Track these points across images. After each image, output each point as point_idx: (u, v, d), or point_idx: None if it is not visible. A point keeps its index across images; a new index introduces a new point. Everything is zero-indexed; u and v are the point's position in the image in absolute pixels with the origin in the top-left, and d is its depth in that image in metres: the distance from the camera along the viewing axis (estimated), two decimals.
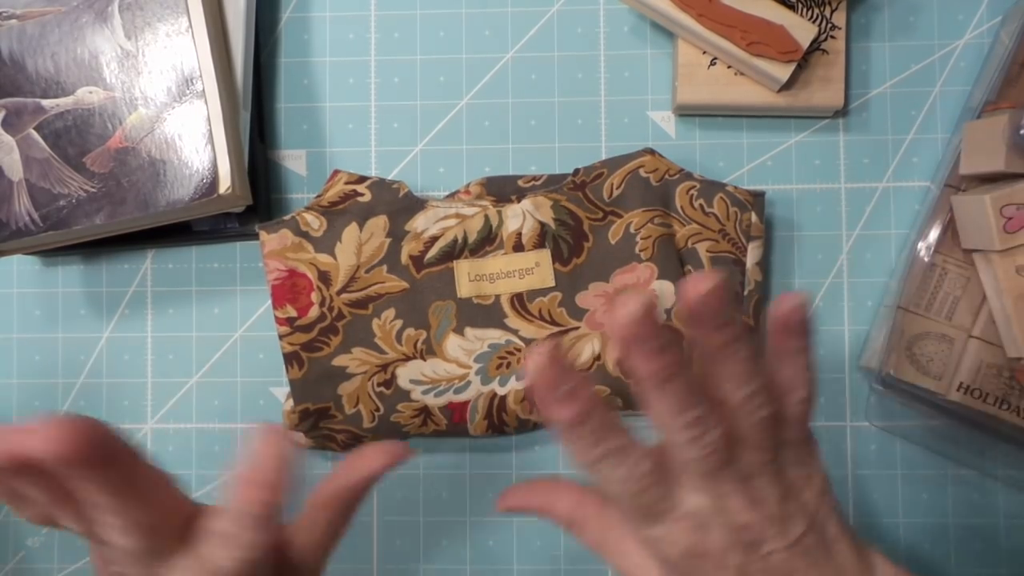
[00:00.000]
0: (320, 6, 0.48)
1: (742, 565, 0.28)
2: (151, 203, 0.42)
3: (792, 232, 0.46)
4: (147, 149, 0.42)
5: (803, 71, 0.44)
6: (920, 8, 0.46)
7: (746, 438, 0.28)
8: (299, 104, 0.47)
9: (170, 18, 0.42)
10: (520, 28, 0.47)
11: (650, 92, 0.47)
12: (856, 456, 0.45)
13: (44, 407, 0.48)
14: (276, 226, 0.43)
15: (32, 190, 0.43)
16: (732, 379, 0.28)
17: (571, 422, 0.27)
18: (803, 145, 0.46)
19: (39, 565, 0.47)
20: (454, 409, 0.43)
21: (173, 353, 0.48)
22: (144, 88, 0.42)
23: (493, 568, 0.46)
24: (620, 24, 0.47)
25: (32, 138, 0.43)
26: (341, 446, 0.45)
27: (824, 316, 0.46)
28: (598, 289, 0.43)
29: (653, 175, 0.43)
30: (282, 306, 0.43)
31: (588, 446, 0.27)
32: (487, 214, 0.43)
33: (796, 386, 0.29)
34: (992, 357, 0.40)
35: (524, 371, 0.28)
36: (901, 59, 0.46)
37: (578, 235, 0.43)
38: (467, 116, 0.47)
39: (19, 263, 0.48)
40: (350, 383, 0.43)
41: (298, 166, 0.47)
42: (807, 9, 0.43)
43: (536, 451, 0.46)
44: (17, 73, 0.43)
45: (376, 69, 0.47)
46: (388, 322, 0.43)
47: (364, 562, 0.46)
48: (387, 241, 0.43)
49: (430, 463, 0.46)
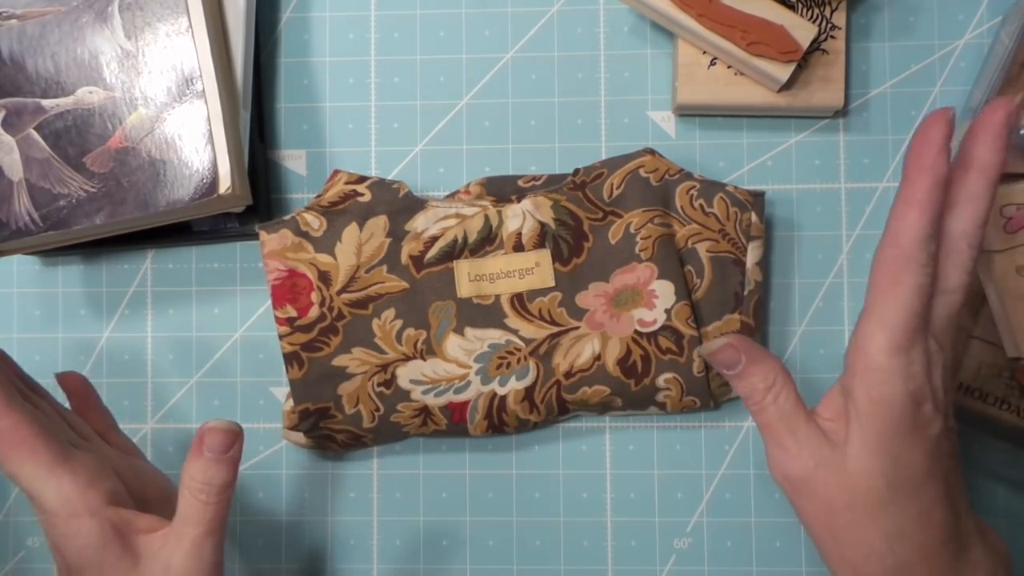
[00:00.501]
0: (320, 6, 0.48)
1: (940, 432, 0.30)
2: (151, 203, 0.42)
3: (792, 232, 0.46)
4: (147, 149, 0.42)
5: (803, 71, 0.44)
6: (920, 8, 0.46)
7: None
8: (299, 104, 0.47)
9: (170, 18, 0.42)
10: (520, 28, 0.47)
11: (650, 92, 0.47)
12: None
13: None
14: (276, 226, 0.43)
15: (32, 190, 0.43)
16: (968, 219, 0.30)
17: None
18: (803, 145, 0.46)
19: (39, 565, 0.47)
20: (454, 409, 0.43)
21: (173, 353, 0.48)
22: (144, 88, 0.42)
23: (493, 568, 0.46)
24: (620, 24, 0.47)
25: (32, 138, 0.43)
26: (341, 446, 0.45)
27: (824, 316, 0.46)
28: (598, 289, 0.43)
29: (653, 175, 0.43)
30: (282, 306, 0.43)
31: None
32: (487, 214, 0.43)
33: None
34: (992, 357, 0.40)
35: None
36: (901, 59, 0.46)
37: (578, 235, 0.43)
38: (467, 116, 0.47)
39: (19, 263, 0.48)
40: (350, 383, 0.43)
41: (298, 166, 0.47)
42: (807, 9, 0.43)
43: (536, 451, 0.46)
44: (17, 73, 0.43)
45: (376, 69, 0.47)
46: (388, 322, 0.43)
47: (364, 562, 0.46)
48: (387, 241, 0.43)
49: (430, 463, 0.46)
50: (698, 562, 0.45)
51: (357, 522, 0.47)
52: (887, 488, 0.30)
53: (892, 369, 0.29)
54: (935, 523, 0.30)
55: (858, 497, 0.30)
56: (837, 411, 0.32)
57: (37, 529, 0.47)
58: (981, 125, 0.29)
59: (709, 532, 0.45)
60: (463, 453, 0.46)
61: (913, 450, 0.29)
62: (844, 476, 0.30)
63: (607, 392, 0.43)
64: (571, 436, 0.46)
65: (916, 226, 0.29)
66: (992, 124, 0.29)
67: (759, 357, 0.33)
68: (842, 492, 0.30)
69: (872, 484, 0.30)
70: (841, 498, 0.30)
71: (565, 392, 0.43)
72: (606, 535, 0.46)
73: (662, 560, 0.45)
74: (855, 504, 0.30)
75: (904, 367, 0.29)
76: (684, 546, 0.45)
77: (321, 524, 0.47)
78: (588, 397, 0.43)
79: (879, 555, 0.30)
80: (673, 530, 0.46)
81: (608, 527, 0.46)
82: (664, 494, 0.46)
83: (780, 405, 0.32)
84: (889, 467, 0.30)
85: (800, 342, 0.46)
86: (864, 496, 0.30)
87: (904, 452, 0.29)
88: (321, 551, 0.47)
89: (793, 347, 0.46)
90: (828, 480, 0.31)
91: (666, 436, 0.46)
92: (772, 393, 0.32)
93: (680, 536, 0.46)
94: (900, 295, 0.29)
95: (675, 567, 0.45)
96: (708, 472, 0.46)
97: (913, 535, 0.30)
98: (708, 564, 0.45)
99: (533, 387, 0.43)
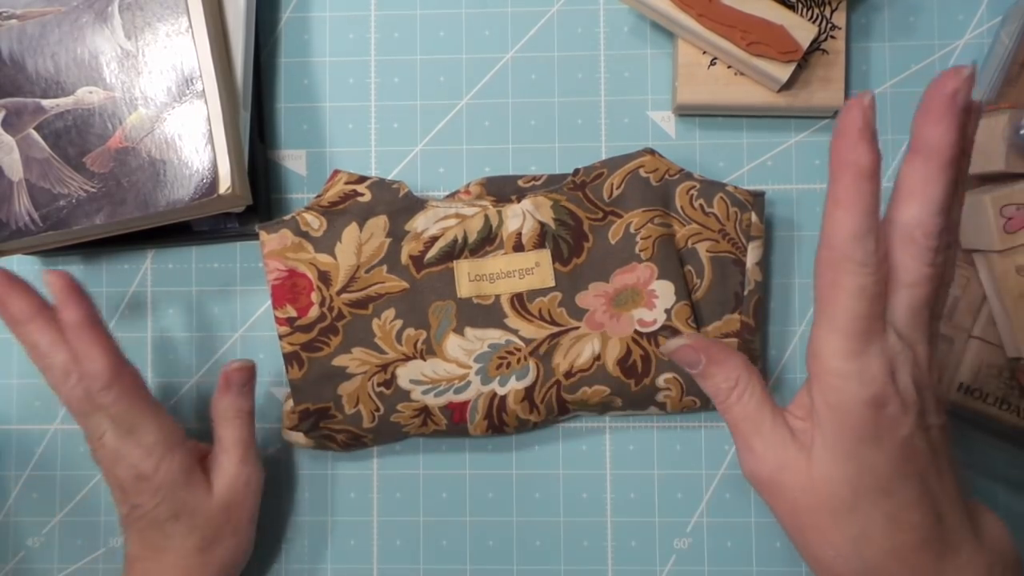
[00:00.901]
0: (320, 6, 0.48)
1: (911, 432, 0.28)
2: (151, 203, 0.42)
3: (792, 232, 0.46)
4: (147, 149, 0.42)
5: (803, 71, 0.44)
6: (920, 8, 0.46)
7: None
8: (299, 104, 0.47)
9: (170, 18, 0.42)
10: (520, 28, 0.47)
11: (650, 92, 0.47)
12: None
13: (44, 407, 0.48)
14: (276, 226, 0.43)
15: (32, 190, 0.43)
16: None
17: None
18: (803, 145, 0.46)
19: (39, 565, 0.47)
20: (454, 409, 0.43)
21: (173, 353, 0.48)
22: (144, 88, 0.42)
23: (493, 568, 0.46)
24: (620, 24, 0.47)
25: (32, 138, 0.43)
26: (341, 446, 0.45)
27: None
28: (598, 289, 0.43)
29: (653, 175, 0.43)
30: (282, 306, 0.43)
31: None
32: (487, 214, 0.43)
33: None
34: (992, 357, 0.40)
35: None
36: (901, 59, 0.46)
37: (578, 235, 0.43)
38: (467, 116, 0.47)
39: (19, 263, 0.48)
40: (350, 383, 0.43)
41: (298, 166, 0.47)
42: (807, 9, 0.43)
43: (536, 451, 0.46)
44: (17, 73, 0.43)
45: (376, 69, 0.47)
46: (388, 322, 0.43)
47: (364, 562, 0.46)
48: (387, 241, 0.43)
49: (430, 463, 0.46)
50: (698, 562, 0.45)
51: (357, 522, 0.47)
52: (851, 493, 0.29)
53: (847, 374, 0.28)
54: (908, 526, 0.29)
55: (821, 501, 0.29)
56: (806, 410, 0.31)
57: (37, 529, 0.47)
58: (926, 102, 0.26)
59: (709, 532, 0.45)
60: (463, 453, 0.46)
61: (877, 454, 0.28)
62: (807, 479, 0.30)
63: (607, 392, 0.43)
64: (571, 436, 0.46)
65: (844, 225, 0.27)
66: (939, 99, 0.26)
67: (720, 358, 0.32)
68: (805, 495, 0.30)
69: (834, 490, 0.29)
70: (805, 501, 0.30)
71: (565, 392, 0.43)
72: (606, 535, 0.46)
73: (662, 560, 0.45)
74: (819, 508, 0.30)
75: (859, 372, 0.28)
76: (684, 546, 0.45)
77: (321, 524, 0.47)
78: (588, 397, 0.43)
79: (845, 558, 0.29)
80: (673, 530, 0.46)
81: (608, 527, 0.46)
82: (664, 494, 0.46)
83: (744, 404, 0.31)
84: (852, 472, 0.29)
85: (800, 342, 0.46)
86: (827, 501, 0.29)
87: (868, 456, 0.28)
88: (321, 551, 0.47)
89: (793, 347, 0.46)
90: (793, 483, 0.30)
91: (666, 436, 0.46)
92: (735, 393, 0.32)
93: (680, 536, 0.46)
94: (841, 299, 0.27)
95: (675, 567, 0.45)
96: (708, 472, 0.46)
97: (880, 539, 0.29)
98: (708, 564, 0.45)
99: (533, 387, 0.43)
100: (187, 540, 0.40)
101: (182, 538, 0.40)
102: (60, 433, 0.48)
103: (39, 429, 0.48)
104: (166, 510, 0.40)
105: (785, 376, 0.46)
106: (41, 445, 0.48)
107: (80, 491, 0.47)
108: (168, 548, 0.40)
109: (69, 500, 0.48)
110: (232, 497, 0.41)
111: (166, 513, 0.40)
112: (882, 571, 0.29)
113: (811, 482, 0.29)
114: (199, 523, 0.40)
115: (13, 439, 0.48)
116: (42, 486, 0.48)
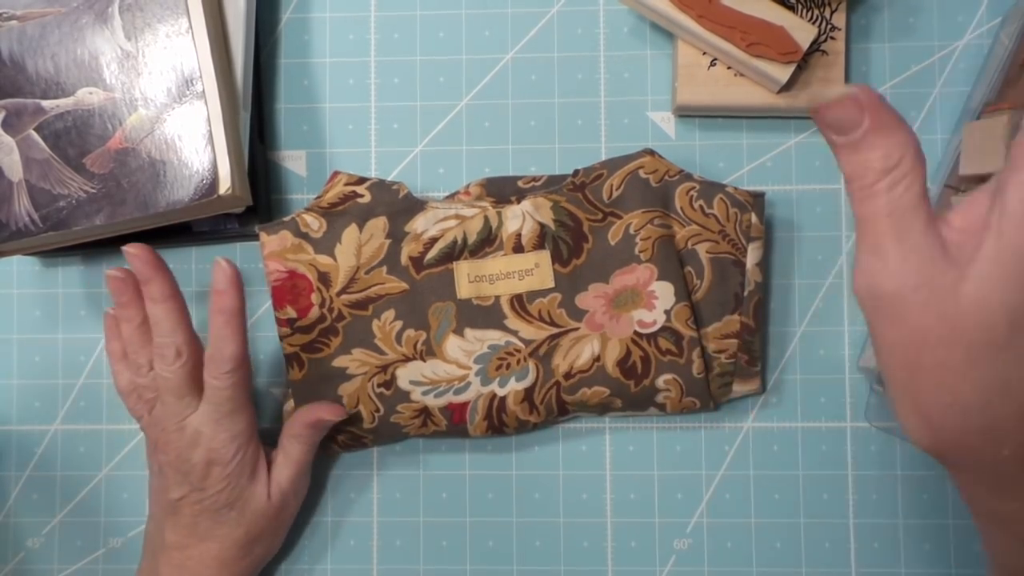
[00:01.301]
0: (320, 7, 0.48)
1: None
2: (151, 204, 0.42)
3: (792, 232, 0.46)
4: (147, 150, 0.42)
5: (803, 72, 0.44)
6: (920, 9, 0.46)
7: None
8: (299, 105, 0.47)
9: (170, 19, 0.42)
10: (520, 29, 0.47)
11: (650, 93, 0.47)
12: (856, 456, 0.45)
13: (44, 408, 0.48)
14: (276, 227, 0.43)
15: (32, 191, 0.43)
16: None
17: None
18: (803, 146, 0.46)
19: (39, 565, 0.47)
20: (454, 410, 0.43)
21: None
22: (144, 89, 0.42)
23: (493, 568, 0.46)
24: (620, 25, 0.47)
25: (32, 139, 0.43)
26: (341, 446, 0.45)
27: (824, 316, 0.46)
28: (598, 290, 0.43)
29: (653, 176, 0.43)
30: (282, 307, 0.43)
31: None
32: (487, 215, 0.43)
33: None
34: None
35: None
36: (901, 60, 0.46)
37: (578, 236, 0.43)
38: (467, 117, 0.47)
39: (19, 264, 0.48)
40: (350, 384, 0.43)
41: (298, 167, 0.47)
42: (807, 10, 0.43)
43: (536, 451, 0.46)
44: (17, 74, 0.43)
45: (376, 70, 0.47)
46: (388, 323, 0.43)
47: (364, 562, 0.46)
48: (387, 242, 0.43)
49: (430, 463, 0.46)
50: (698, 563, 0.45)
51: (357, 522, 0.47)
52: (1008, 327, 0.23)
53: None
54: None
55: (963, 334, 0.23)
56: (974, 220, 0.24)
57: (37, 530, 0.47)
58: None
59: (709, 533, 0.45)
60: (463, 454, 0.46)
61: None
62: (952, 304, 0.23)
63: (607, 393, 0.43)
64: (571, 437, 0.46)
65: None
66: None
67: (889, 125, 0.24)
68: (942, 323, 0.23)
69: (987, 320, 0.23)
70: (938, 331, 0.24)
71: (565, 393, 0.43)
72: (606, 536, 0.46)
73: (662, 561, 0.45)
74: (955, 341, 0.23)
75: None
76: (684, 547, 0.46)
77: (321, 524, 0.47)
78: (588, 398, 0.43)
79: (966, 410, 0.24)
80: (673, 531, 0.46)
81: (608, 528, 0.46)
82: (664, 495, 0.46)
83: (897, 197, 0.24)
84: (1018, 302, 0.23)
85: (800, 342, 0.46)
86: (972, 333, 0.23)
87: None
88: (321, 551, 0.47)
89: (793, 347, 0.46)
90: (928, 305, 0.24)
91: (666, 437, 0.46)
92: (891, 178, 0.24)
93: (680, 537, 0.46)
94: None
95: (675, 568, 0.45)
96: (708, 473, 0.46)
97: (1020, 393, 0.23)
98: (708, 565, 0.45)
99: (533, 388, 0.43)
100: (235, 530, 0.41)
101: (231, 528, 0.41)
102: (60, 433, 0.48)
103: (39, 429, 0.48)
104: (227, 497, 0.41)
105: (785, 376, 0.46)
106: (41, 445, 0.48)
107: (80, 492, 0.48)
108: (214, 537, 0.41)
109: (69, 501, 0.48)
110: (283, 501, 0.43)
111: (226, 500, 0.41)
112: (1008, 435, 0.24)
113: (956, 307, 0.23)
114: (249, 517, 0.41)
115: (13, 439, 0.48)
116: (42, 487, 0.48)
